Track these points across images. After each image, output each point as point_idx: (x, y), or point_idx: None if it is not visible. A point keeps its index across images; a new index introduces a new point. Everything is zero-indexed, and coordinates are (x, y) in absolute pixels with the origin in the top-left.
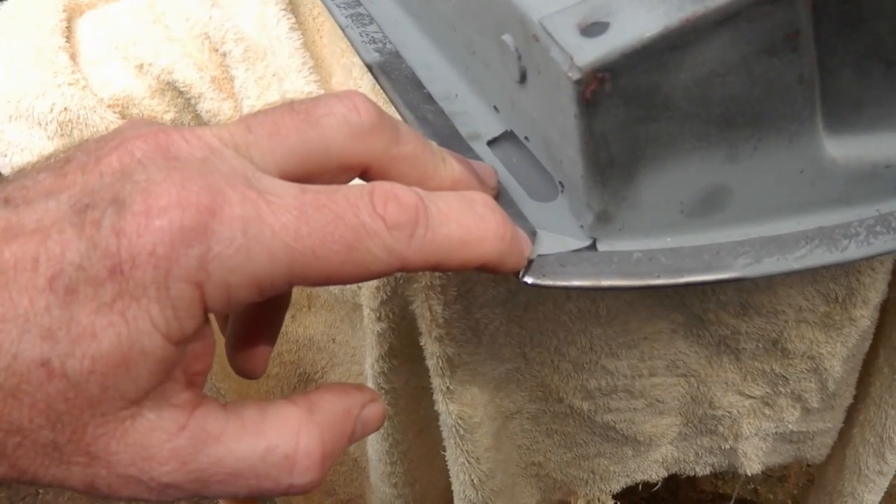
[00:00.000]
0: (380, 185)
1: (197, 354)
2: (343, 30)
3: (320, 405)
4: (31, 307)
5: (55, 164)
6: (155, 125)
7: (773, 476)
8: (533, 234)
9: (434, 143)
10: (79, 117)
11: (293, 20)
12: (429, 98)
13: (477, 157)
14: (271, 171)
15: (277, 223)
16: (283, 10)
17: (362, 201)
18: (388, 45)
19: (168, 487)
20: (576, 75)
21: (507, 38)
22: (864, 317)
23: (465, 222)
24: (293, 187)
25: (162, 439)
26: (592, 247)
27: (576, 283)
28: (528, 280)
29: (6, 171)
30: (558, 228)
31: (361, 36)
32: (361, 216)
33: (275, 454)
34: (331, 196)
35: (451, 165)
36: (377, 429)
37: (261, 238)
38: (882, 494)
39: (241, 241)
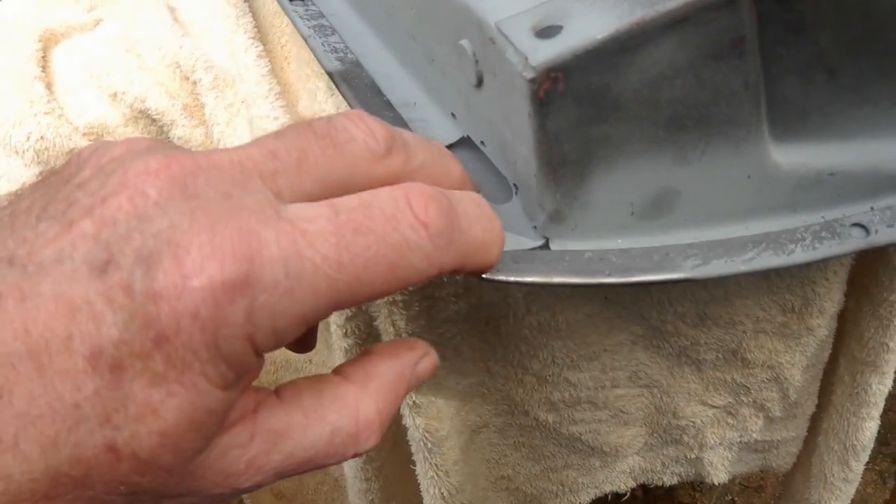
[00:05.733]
0: (412, 188)
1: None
2: (305, 40)
3: (374, 375)
4: (79, 393)
5: (56, 210)
6: (156, 149)
7: (750, 486)
8: None
9: (436, 140)
10: (55, 145)
11: (261, 48)
12: (388, 105)
13: None
14: (298, 199)
15: (318, 255)
16: (252, 38)
17: (400, 212)
18: (349, 55)
19: (251, 488)
20: (530, 74)
21: (464, 42)
22: (822, 326)
23: (484, 225)
24: (324, 208)
25: (237, 455)
26: (545, 246)
27: (528, 279)
28: (483, 275)
29: None
30: (512, 229)
31: (323, 45)
32: (402, 230)
33: (339, 435)
34: (367, 213)
35: (454, 162)
36: (429, 379)
37: (303, 276)
38: (848, 501)
39: (285, 284)
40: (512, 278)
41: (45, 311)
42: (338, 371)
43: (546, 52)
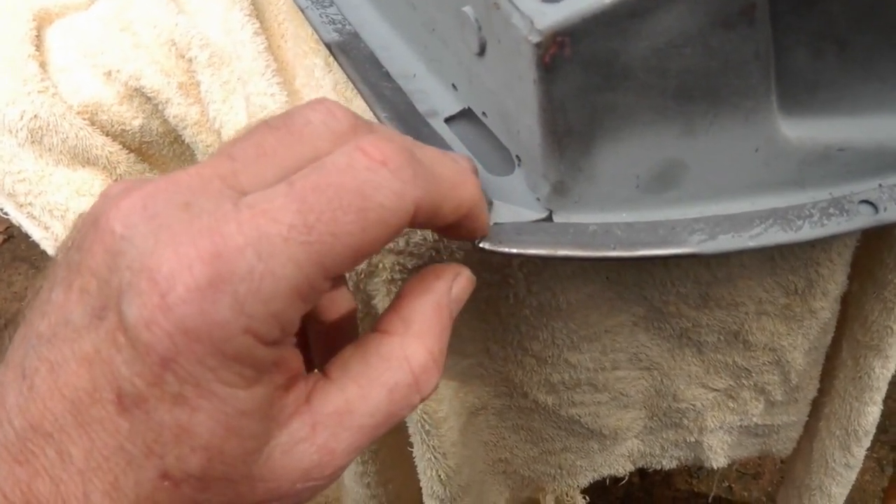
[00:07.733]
0: (363, 138)
1: (286, 359)
2: (303, 11)
3: (411, 319)
4: (119, 434)
5: (61, 276)
6: (127, 185)
7: (748, 473)
8: (489, 204)
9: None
10: (49, 124)
11: (257, 25)
12: (387, 76)
13: (435, 134)
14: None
15: (283, 227)
16: (248, 15)
17: (355, 159)
18: (347, 27)
19: (336, 473)
20: (536, 38)
21: (467, 9)
22: (825, 308)
23: (449, 165)
24: (280, 185)
25: (305, 449)
26: (549, 219)
27: (532, 251)
28: (485, 245)
29: None
30: (515, 201)
31: (321, 17)
32: (360, 174)
33: (398, 390)
34: (320, 172)
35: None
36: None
37: (275, 252)
38: (849, 487)
39: (261, 267)
40: (515, 250)
41: (70, 372)
42: (376, 327)
43: (553, 16)
